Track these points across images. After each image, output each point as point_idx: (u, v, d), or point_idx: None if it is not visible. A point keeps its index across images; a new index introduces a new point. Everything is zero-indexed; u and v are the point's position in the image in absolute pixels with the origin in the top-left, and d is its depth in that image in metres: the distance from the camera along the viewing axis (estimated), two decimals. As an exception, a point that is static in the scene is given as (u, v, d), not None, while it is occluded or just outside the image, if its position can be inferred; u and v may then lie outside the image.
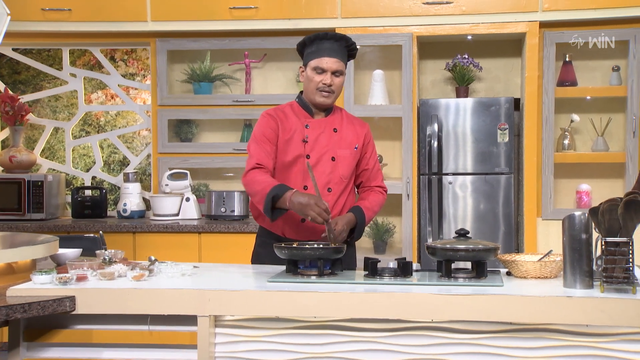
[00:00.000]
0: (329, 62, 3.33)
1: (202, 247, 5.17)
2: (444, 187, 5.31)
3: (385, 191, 3.56)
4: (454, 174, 5.32)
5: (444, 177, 5.31)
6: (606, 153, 5.35)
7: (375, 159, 3.56)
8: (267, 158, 3.31)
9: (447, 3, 5.23)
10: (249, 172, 3.27)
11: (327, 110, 3.46)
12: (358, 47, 5.31)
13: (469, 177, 5.31)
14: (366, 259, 2.94)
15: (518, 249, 5.37)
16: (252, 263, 3.49)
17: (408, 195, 5.26)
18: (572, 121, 5.37)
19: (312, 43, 3.38)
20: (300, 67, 3.46)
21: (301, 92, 3.49)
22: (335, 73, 3.35)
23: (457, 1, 5.23)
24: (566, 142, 5.39)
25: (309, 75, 3.38)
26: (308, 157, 3.36)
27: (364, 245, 5.59)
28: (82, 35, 5.64)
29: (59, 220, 5.56)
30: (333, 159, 3.38)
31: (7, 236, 3.60)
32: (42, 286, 2.76)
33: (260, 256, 3.46)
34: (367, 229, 5.51)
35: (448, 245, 2.85)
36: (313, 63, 3.35)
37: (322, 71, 3.34)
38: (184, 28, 5.46)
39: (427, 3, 5.24)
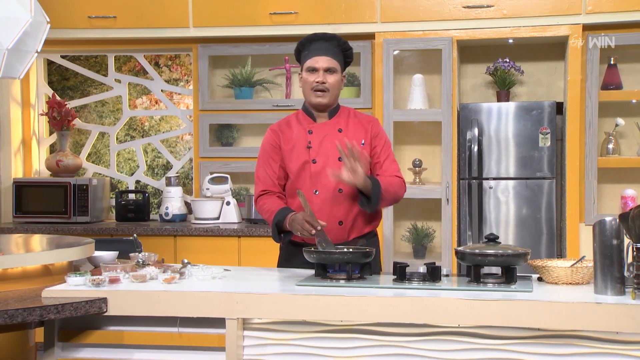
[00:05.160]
0: (320, 61, 3.35)
1: (241, 251, 5.21)
2: (485, 191, 5.27)
3: (403, 181, 3.45)
4: (495, 179, 5.27)
5: (484, 181, 5.26)
6: (652, 157, 5.25)
7: (388, 151, 3.48)
8: (272, 179, 3.42)
9: (487, 7, 5.18)
10: (257, 200, 3.43)
11: (332, 112, 3.46)
12: (397, 51, 5.45)
13: (510, 182, 5.26)
14: (395, 263, 2.94)
15: (561, 255, 5.29)
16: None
17: (448, 199, 5.23)
18: (616, 125, 5.27)
19: (304, 46, 3.42)
20: (299, 73, 3.47)
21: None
22: (327, 71, 3.35)
23: (498, 5, 5.18)
24: (610, 146, 5.30)
25: (304, 77, 3.40)
26: (314, 161, 3.38)
27: (403, 250, 5.58)
28: (126, 41, 5.74)
29: (103, 224, 5.65)
30: (340, 159, 3.34)
31: (54, 239, 3.67)
32: (75, 288, 2.83)
33: (285, 263, 3.52)
34: (406, 233, 5.50)
35: (477, 250, 2.83)
36: (306, 65, 3.38)
37: (314, 70, 3.36)
38: (225, 34, 5.51)
39: (468, 7, 5.20)
